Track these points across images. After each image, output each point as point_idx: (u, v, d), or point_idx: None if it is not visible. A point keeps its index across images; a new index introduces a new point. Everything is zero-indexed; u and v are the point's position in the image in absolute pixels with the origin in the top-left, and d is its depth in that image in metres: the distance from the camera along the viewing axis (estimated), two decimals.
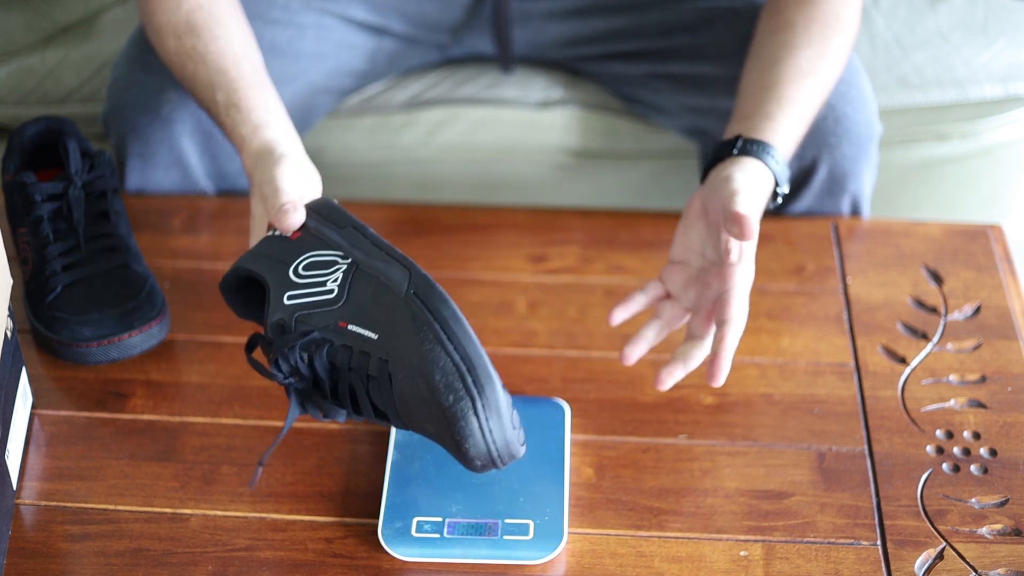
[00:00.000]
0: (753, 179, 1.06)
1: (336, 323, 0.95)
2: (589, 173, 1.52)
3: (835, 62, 1.17)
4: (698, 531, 0.99)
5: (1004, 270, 1.23)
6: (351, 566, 0.97)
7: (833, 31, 1.17)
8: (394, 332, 0.92)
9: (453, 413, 0.89)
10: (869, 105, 1.29)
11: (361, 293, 0.96)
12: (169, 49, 1.18)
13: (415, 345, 0.90)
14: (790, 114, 1.12)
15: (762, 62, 1.17)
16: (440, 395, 0.89)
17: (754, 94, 1.14)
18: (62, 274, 1.12)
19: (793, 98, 1.13)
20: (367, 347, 0.93)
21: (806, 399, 1.10)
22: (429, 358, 0.89)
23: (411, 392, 0.91)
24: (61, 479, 1.03)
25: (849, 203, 1.31)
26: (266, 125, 1.10)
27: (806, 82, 1.14)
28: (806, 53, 1.15)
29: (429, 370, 0.89)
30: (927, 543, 0.98)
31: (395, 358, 0.91)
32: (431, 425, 0.91)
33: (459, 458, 0.92)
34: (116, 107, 1.31)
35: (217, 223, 1.28)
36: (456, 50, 1.48)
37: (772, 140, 1.09)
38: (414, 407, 0.91)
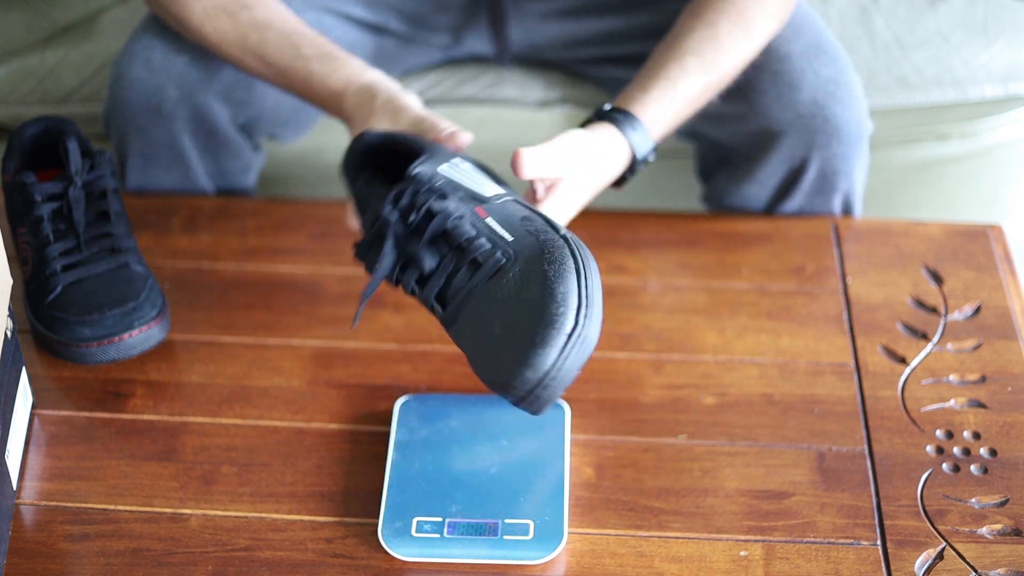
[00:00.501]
0: (576, 137, 1.08)
1: (475, 208, 0.97)
2: None
3: (725, 48, 1.18)
4: (698, 531, 0.99)
5: (1004, 270, 1.23)
6: (351, 566, 0.97)
7: (731, 20, 1.18)
8: (531, 245, 0.93)
9: (554, 319, 0.88)
10: (859, 104, 1.29)
11: (513, 209, 0.98)
12: (223, 28, 1.20)
13: (549, 261, 0.91)
14: (666, 88, 1.14)
15: (660, 43, 1.20)
16: (553, 301, 0.89)
17: (642, 71, 1.17)
18: (62, 274, 1.12)
19: (671, 75, 1.15)
20: (493, 238, 0.94)
21: (806, 399, 1.10)
22: (560, 272, 0.91)
23: (512, 291, 0.91)
24: (61, 479, 1.03)
25: (841, 202, 1.32)
26: (364, 65, 1.16)
27: (687, 60, 1.16)
28: (696, 34, 1.17)
29: (555, 280, 0.90)
30: (927, 543, 0.98)
31: (522, 259, 0.93)
32: (504, 324, 0.91)
33: (509, 369, 0.90)
34: (117, 105, 1.31)
35: (217, 223, 1.28)
36: (454, 50, 1.48)
37: (637, 112, 1.12)
38: (498, 305, 0.92)
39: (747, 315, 1.18)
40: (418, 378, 1.11)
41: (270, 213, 1.30)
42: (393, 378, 1.11)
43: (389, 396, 1.09)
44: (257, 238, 1.26)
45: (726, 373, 1.12)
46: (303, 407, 1.09)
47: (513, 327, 0.90)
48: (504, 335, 0.91)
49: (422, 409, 1.07)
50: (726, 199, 1.34)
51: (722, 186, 1.34)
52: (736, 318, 1.17)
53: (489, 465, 1.02)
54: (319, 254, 1.24)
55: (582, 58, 1.45)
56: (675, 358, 1.14)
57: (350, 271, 1.22)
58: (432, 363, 1.13)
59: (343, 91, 1.14)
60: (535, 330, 0.89)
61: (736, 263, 1.22)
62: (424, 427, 1.05)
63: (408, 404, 1.07)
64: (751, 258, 1.24)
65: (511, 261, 0.93)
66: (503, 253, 0.94)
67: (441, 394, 1.09)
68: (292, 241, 1.26)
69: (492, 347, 0.91)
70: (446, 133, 1.07)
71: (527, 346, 0.89)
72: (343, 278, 1.21)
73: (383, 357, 1.14)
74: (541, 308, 0.89)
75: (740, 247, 1.25)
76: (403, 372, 1.12)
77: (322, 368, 1.13)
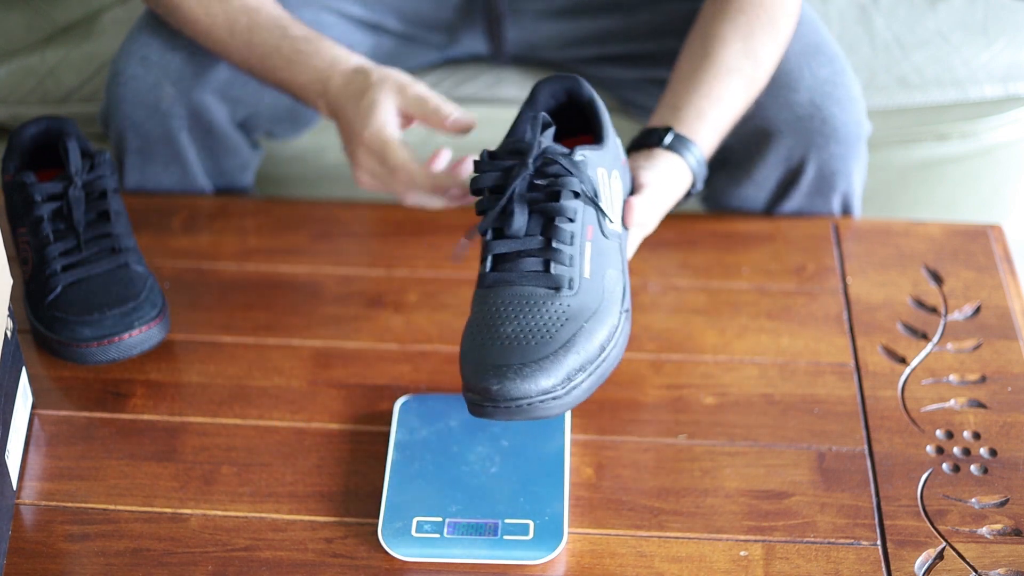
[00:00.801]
0: (668, 178, 1.09)
1: (587, 225, 0.97)
2: None
3: (763, 62, 1.19)
4: (698, 531, 0.99)
5: (1004, 270, 1.23)
6: (351, 566, 0.97)
7: (764, 31, 1.18)
8: (594, 298, 0.95)
9: (541, 373, 0.90)
10: (857, 104, 1.29)
11: (612, 255, 1.00)
12: (214, 12, 1.20)
13: (590, 323, 0.94)
14: (717, 112, 1.14)
15: (695, 51, 1.19)
16: (559, 362, 0.91)
17: (684, 84, 1.17)
18: (62, 274, 1.12)
19: (720, 95, 1.15)
20: (575, 262, 0.95)
21: (806, 399, 1.10)
22: (586, 340, 0.93)
23: (544, 316, 0.93)
24: (61, 479, 1.03)
25: (840, 202, 1.32)
26: (354, 53, 1.17)
27: (732, 79, 1.16)
28: (734, 48, 1.17)
29: (577, 344, 0.92)
30: (927, 543, 0.98)
31: (576, 303, 0.95)
32: (515, 333, 0.92)
33: (481, 370, 0.91)
34: (115, 103, 1.31)
35: (217, 223, 1.28)
36: (452, 50, 1.48)
37: (697, 139, 1.12)
38: (527, 316, 0.93)
39: (747, 315, 1.18)
40: (418, 378, 1.11)
41: (270, 213, 1.30)
42: (393, 378, 1.11)
43: (389, 396, 1.09)
44: (257, 238, 1.27)
45: (726, 373, 1.12)
46: (303, 407, 1.09)
47: (519, 342, 0.91)
48: (506, 341, 0.92)
49: (422, 409, 1.07)
50: (724, 200, 1.34)
51: (720, 187, 1.34)
52: (736, 318, 1.17)
53: (489, 465, 1.02)
54: (319, 254, 1.24)
55: (580, 57, 1.45)
56: (675, 358, 1.14)
57: (350, 271, 1.22)
58: (432, 363, 1.13)
59: (328, 71, 1.15)
60: (527, 365, 0.90)
61: (736, 263, 1.22)
62: (424, 427, 1.05)
63: (408, 404, 1.07)
64: (751, 258, 1.24)
65: (567, 295, 0.94)
66: (569, 283, 0.94)
67: (441, 394, 1.09)
68: (292, 241, 1.26)
69: (489, 338, 0.92)
70: (451, 120, 1.07)
71: (508, 369, 0.90)
72: (343, 278, 1.21)
73: (383, 357, 1.14)
74: (548, 355, 0.91)
75: (740, 247, 1.25)
76: (403, 372, 1.12)
77: (322, 368, 1.13)
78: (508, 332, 0.92)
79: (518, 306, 0.94)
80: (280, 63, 1.18)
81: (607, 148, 1.02)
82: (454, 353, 1.13)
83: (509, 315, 0.93)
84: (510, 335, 0.92)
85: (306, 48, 1.16)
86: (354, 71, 1.15)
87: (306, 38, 1.18)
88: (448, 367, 1.12)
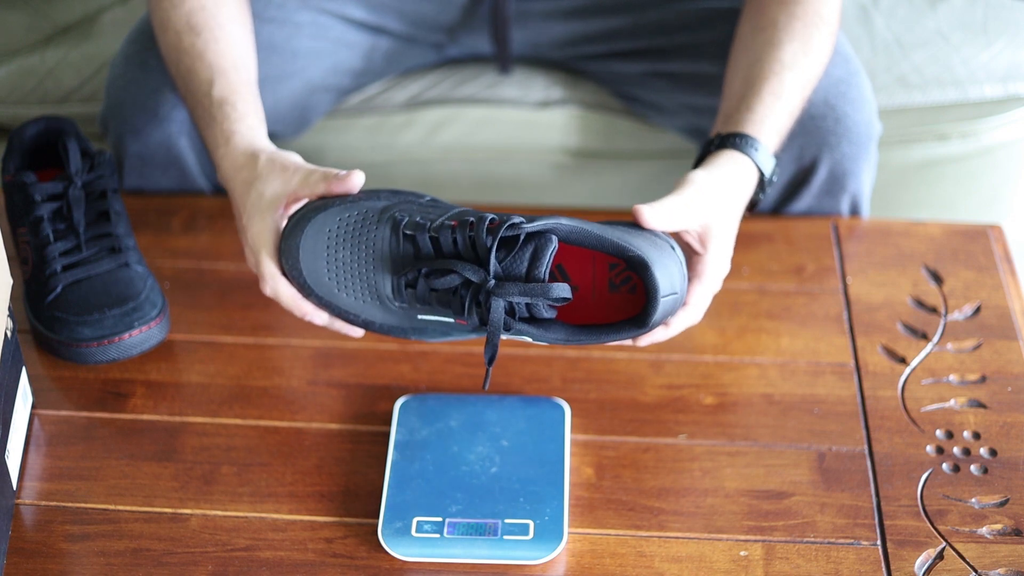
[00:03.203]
0: (721, 175, 1.06)
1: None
2: (589, 173, 1.52)
3: (817, 57, 1.17)
4: (698, 531, 0.99)
5: (1004, 270, 1.23)
6: (351, 566, 0.97)
7: (815, 27, 1.17)
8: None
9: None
10: (869, 104, 1.29)
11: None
12: (169, 43, 1.19)
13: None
14: (772, 106, 1.12)
15: (744, 61, 1.17)
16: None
17: (736, 92, 1.15)
18: (62, 274, 1.12)
19: (775, 91, 1.12)
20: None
21: (806, 399, 1.10)
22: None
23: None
24: (61, 479, 1.03)
25: (849, 203, 1.31)
26: (260, 126, 1.11)
27: (788, 75, 1.14)
28: (789, 48, 1.15)
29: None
30: (927, 543, 0.98)
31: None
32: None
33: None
34: (114, 106, 1.31)
35: (217, 223, 1.28)
36: (454, 50, 1.48)
37: (752, 131, 1.09)
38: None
39: (747, 315, 1.18)
40: (418, 378, 1.11)
41: None
42: (393, 378, 1.11)
43: (389, 396, 1.09)
44: None
45: (726, 373, 1.12)
46: (303, 407, 1.09)
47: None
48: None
49: (422, 409, 1.07)
50: None
51: None
52: (736, 318, 1.17)
53: (489, 465, 1.02)
54: None
55: (585, 55, 1.45)
56: (675, 358, 1.14)
57: None
58: (432, 363, 1.13)
59: (223, 148, 1.09)
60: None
61: (736, 263, 1.22)
62: (424, 427, 1.05)
63: (408, 404, 1.07)
64: (751, 258, 1.24)
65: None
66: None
67: (441, 394, 1.09)
68: None
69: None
70: (342, 175, 1.01)
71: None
72: None
73: (383, 357, 1.14)
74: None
75: (740, 247, 1.24)
76: (403, 372, 1.12)
77: (322, 368, 1.13)
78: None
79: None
80: (199, 120, 1.14)
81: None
82: (454, 353, 1.13)
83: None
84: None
85: (216, 115, 1.11)
86: (245, 156, 1.07)
87: (220, 102, 1.12)
88: (448, 367, 1.12)
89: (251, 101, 1.13)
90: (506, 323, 0.94)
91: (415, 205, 0.99)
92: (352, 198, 1.00)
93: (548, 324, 0.95)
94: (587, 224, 0.95)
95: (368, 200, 1.00)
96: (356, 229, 0.98)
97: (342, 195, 1.01)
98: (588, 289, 0.99)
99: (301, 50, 1.36)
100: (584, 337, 0.96)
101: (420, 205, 0.99)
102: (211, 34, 1.16)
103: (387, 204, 0.99)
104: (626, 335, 0.96)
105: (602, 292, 0.99)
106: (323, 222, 0.99)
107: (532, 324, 0.95)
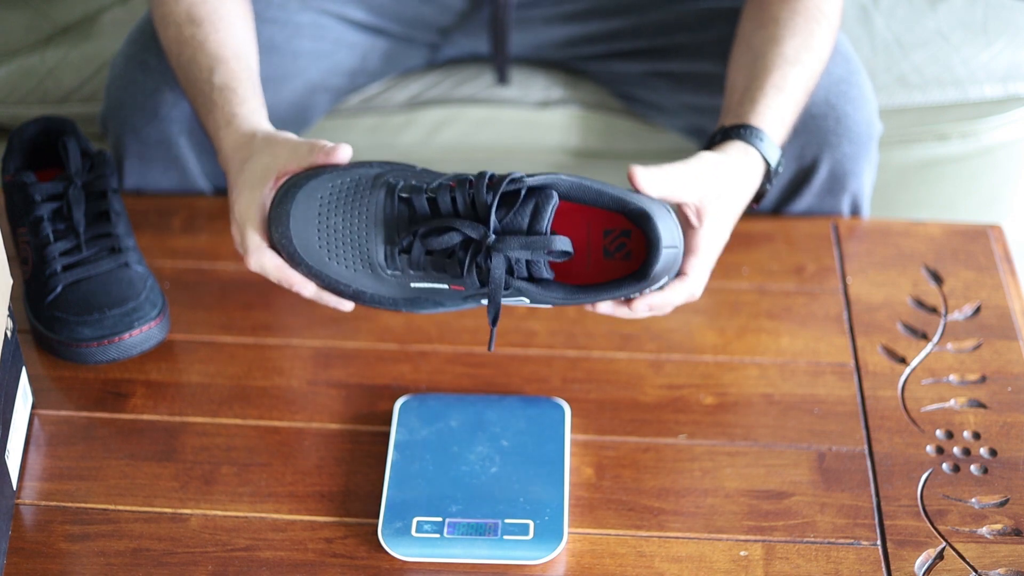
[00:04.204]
0: (727, 158, 1.06)
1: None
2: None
3: (819, 52, 1.17)
4: (698, 531, 0.99)
5: (1004, 270, 1.23)
6: (351, 566, 0.97)
7: (817, 22, 1.17)
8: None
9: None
10: (870, 104, 1.29)
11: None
12: (169, 36, 1.19)
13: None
14: (775, 99, 1.11)
15: (746, 57, 1.17)
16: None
17: (739, 87, 1.15)
18: (62, 274, 1.12)
19: (778, 84, 1.12)
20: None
21: (806, 399, 1.10)
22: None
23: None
24: (61, 479, 1.03)
25: (849, 202, 1.31)
26: (262, 110, 1.11)
27: (791, 69, 1.13)
28: (791, 43, 1.15)
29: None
30: (927, 543, 0.98)
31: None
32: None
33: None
34: (114, 107, 1.31)
35: (217, 223, 1.28)
36: (452, 50, 1.48)
37: (756, 123, 1.09)
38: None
39: (747, 315, 1.18)
40: (418, 378, 1.11)
41: None
42: (393, 378, 1.11)
43: (389, 396, 1.09)
44: None
45: (726, 373, 1.12)
46: (303, 407, 1.09)
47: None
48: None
49: (422, 409, 1.07)
50: None
51: None
52: (736, 318, 1.17)
53: (489, 465, 1.02)
54: None
55: (584, 55, 1.45)
56: (675, 358, 1.14)
57: None
58: (432, 363, 1.13)
59: (224, 129, 1.09)
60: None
61: (736, 263, 1.22)
62: (424, 427, 1.05)
63: (408, 404, 1.07)
64: (751, 258, 1.24)
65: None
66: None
67: (441, 394, 1.09)
68: None
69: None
70: (329, 147, 1.01)
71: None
72: None
73: (383, 357, 1.14)
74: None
75: (740, 247, 1.25)
76: (403, 372, 1.12)
77: (322, 368, 1.13)
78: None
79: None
80: (199, 107, 1.15)
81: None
82: (454, 353, 1.13)
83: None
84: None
85: (217, 100, 1.12)
86: (245, 137, 1.08)
87: (221, 87, 1.12)
88: (448, 367, 1.12)
89: (252, 88, 1.14)
90: (505, 282, 0.94)
91: (409, 172, 0.99)
92: (344, 166, 0.99)
93: (547, 284, 0.95)
94: (587, 180, 0.95)
95: (361, 168, 0.99)
96: (349, 195, 0.97)
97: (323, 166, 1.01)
98: (583, 255, 0.99)
99: (302, 51, 1.36)
100: (583, 296, 0.96)
101: (414, 172, 0.99)
102: (212, 25, 1.17)
103: (380, 172, 0.99)
104: (627, 291, 0.95)
105: (597, 259, 0.99)
106: (315, 188, 0.98)
107: (531, 283, 0.95)
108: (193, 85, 1.16)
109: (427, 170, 1.00)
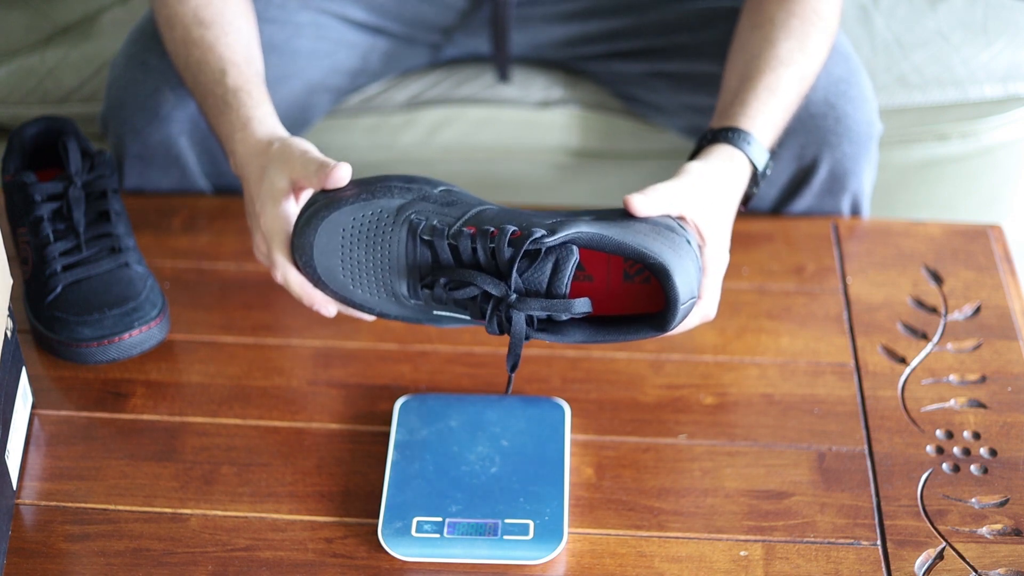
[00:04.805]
0: (714, 167, 1.05)
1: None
2: (589, 173, 1.52)
3: (815, 54, 1.17)
4: (698, 531, 0.99)
5: (1004, 270, 1.23)
6: (351, 566, 0.97)
7: (812, 25, 1.16)
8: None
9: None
10: (870, 104, 1.29)
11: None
12: (176, 38, 1.19)
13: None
14: (767, 101, 1.11)
15: (741, 57, 1.17)
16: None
17: (732, 88, 1.14)
18: (62, 274, 1.12)
19: (770, 86, 1.12)
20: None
21: (806, 399, 1.10)
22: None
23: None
24: (61, 479, 1.03)
25: (849, 202, 1.31)
26: (275, 115, 1.12)
27: (784, 71, 1.13)
28: (785, 45, 1.15)
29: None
30: (927, 543, 0.98)
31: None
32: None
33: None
34: (114, 107, 1.31)
35: (217, 223, 1.28)
36: (452, 50, 1.48)
37: (744, 125, 1.09)
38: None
39: (747, 315, 1.18)
40: (418, 378, 1.12)
41: None
42: (393, 378, 1.12)
43: (389, 396, 1.09)
44: None
45: (726, 373, 1.12)
46: (303, 407, 1.09)
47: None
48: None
49: (422, 409, 1.07)
50: None
51: None
52: (736, 318, 1.17)
53: (489, 465, 1.02)
54: None
55: (584, 55, 1.45)
56: (675, 358, 1.14)
57: None
58: (432, 363, 1.13)
59: (239, 134, 1.09)
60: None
61: (736, 263, 1.22)
62: (424, 427, 1.05)
63: (408, 404, 1.07)
64: (751, 258, 1.24)
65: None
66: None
67: (441, 394, 1.09)
68: None
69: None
70: (329, 168, 1.00)
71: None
72: None
73: (383, 357, 1.14)
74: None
75: (740, 247, 1.25)
76: (403, 372, 1.12)
77: (322, 368, 1.13)
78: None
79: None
80: (209, 109, 1.14)
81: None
82: (454, 353, 1.13)
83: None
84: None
85: (232, 102, 1.12)
86: (262, 142, 1.08)
87: (235, 90, 1.12)
88: (448, 367, 1.12)
89: (264, 92, 1.14)
90: (525, 333, 0.95)
91: (430, 202, 0.99)
92: (365, 195, 0.99)
93: (566, 327, 0.96)
94: (606, 230, 0.95)
95: (382, 197, 0.99)
96: (371, 229, 0.98)
97: (343, 188, 1.01)
98: (603, 280, 0.99)
99: (302, 50, 1.36)
100: (603, 337, 0.96)
101: (435, 202, 0.99)
102: (221, 28, 1.17)
103: (402, 203, 0.99)
104: (645, 335, 0.97)
105: (616, 283, 1.00)
106: (337, 221, 0.99)
107: (551, 332, 0.96)
108: (202, 87, 1.16)
109: (448, 191, 1.00)
